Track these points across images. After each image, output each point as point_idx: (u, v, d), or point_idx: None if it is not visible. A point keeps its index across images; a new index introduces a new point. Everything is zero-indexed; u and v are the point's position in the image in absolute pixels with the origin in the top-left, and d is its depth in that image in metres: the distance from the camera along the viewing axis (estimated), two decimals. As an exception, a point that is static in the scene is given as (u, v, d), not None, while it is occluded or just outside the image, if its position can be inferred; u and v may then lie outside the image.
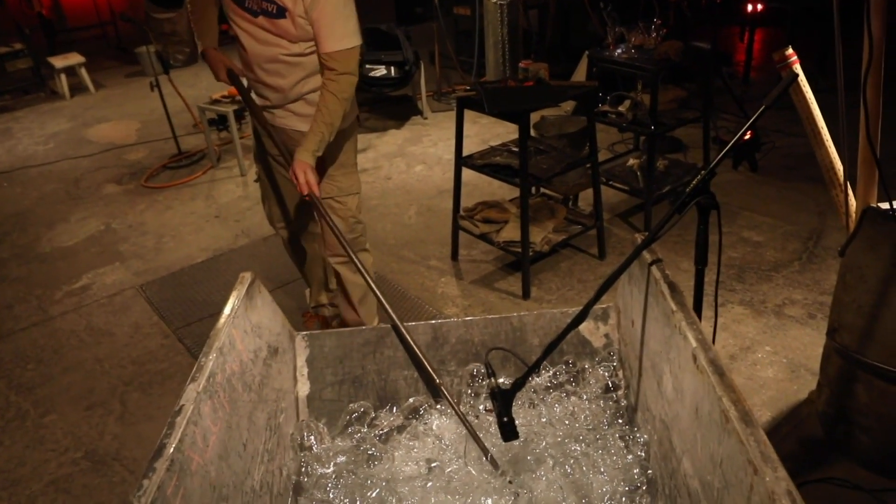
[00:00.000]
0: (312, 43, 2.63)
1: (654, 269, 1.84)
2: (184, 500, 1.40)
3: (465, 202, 4.17)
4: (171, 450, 1.39)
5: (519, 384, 1.87)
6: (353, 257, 2.51)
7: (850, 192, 2.46)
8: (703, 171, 1.71)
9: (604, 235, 4.09)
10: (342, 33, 2.56)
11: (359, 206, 3.09)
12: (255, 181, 3.22)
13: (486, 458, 1.99)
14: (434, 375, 2.13)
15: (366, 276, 2.48)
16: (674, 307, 1.68)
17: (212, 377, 1.63)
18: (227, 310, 1.84)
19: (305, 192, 2.67)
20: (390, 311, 2.28)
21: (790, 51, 2.29)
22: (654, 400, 1.91)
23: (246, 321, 1.89)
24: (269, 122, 2.90)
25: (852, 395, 2.61)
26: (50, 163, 6.36)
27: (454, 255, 4.23)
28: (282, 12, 2.55)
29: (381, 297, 2.39)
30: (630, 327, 2.11)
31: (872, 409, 2.55)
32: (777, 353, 3.29)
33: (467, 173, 4.04)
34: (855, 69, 2.14)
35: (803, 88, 2.32)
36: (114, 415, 3.23)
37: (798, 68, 2.30)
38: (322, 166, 2.92)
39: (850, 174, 2.41)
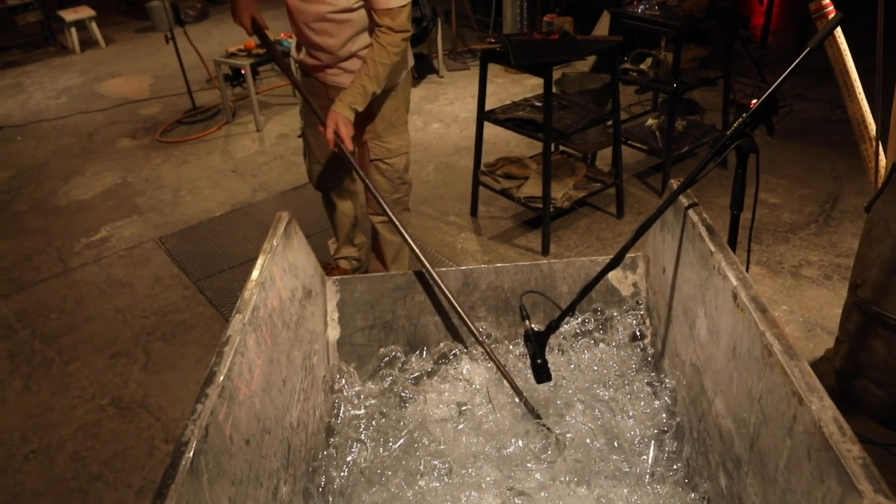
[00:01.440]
0: None
1: (691, 212, 1.85)
2: (233, 428, 1.43)
3: (484, 160, 4.16)
4: (222, 377, 1.42)
5: (553, 326, 1.89)
6: (392, 217, 2.44)
7: (880, 147, 2.46)
8: (744, 114, 1.71)
9: (623, 194, 4.10)
10: None
11: (406, 166, 3.03)
12: (299, 136, 3.19)
13: (521, 400, 2.01)
14: (471, 324, 2.12)
15: (406, 236, 2.41)
16: (713, 248, 1.69)
17: (255, 310, 1.65)
18: (266, 246, 1.85)
19: (331, 147, 2.60)
20: (425, 262, 2.26)
21: (826, 0, 2.28)
22: (685, 345, 1.94)
23: (284, 259, 1.91)
24: (319, 79, 2.86)
25: (871, 351, 2.63)
26: (63, 117, 6.34)
27: (473, 211, 4.24)
28: None
29: (420, 254, 2.32)
30: (660, 275, 2.12)
31: (890, 364, 2.57)
32: (793, 312, 3.32)
33: (485, 131, 4.03)
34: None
35: (838, 40, 2.31)
36: (138, 363, 3.27)
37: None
38: (372, 126, 2.89)
39: (881, 131, 2.41)
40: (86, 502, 2.59)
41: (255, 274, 1.75)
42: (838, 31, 2.32)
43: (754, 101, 1.78)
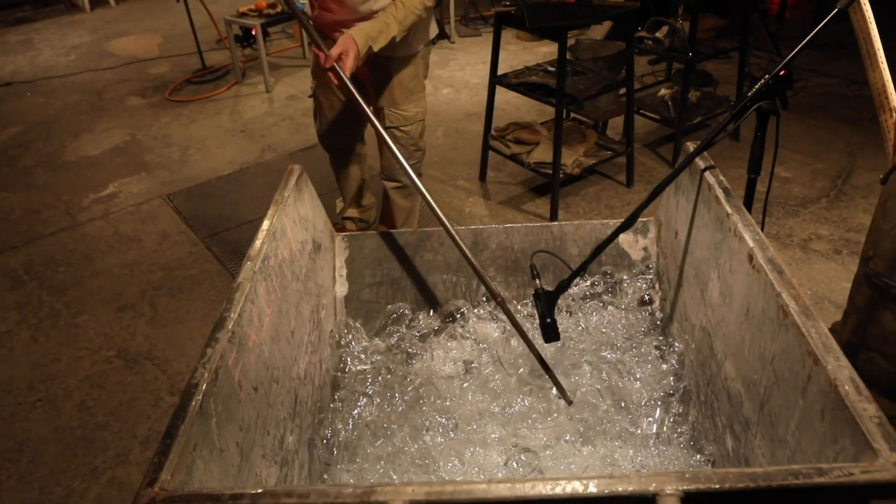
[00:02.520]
0: None
1: (707, 174, 1.84)
2: (242, 374, 1.43)
3: (494, 125, 4.13)
4: (232, 323, 1.41)
5: (563, 286, 1.87)
6: (410, 171, 2.25)
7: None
8: (766, 76, 1.68)
9: (633, 162, 4.06)
10: None
11: (421, 133, 3.00)
12: (310, 97, 3.15)
13: (536, 357, 1.98)
14: (486, 279, 2.04)
15: (425, 194, 2.19)
16: (729, 210, 1.67)
17: (266, 259, 1.64)
18: (278, 197, 1.84)
19: (328, 64, 2.33)
20: (443, 217, 2.17)
21: (852, -35, 2.22)
22: (695, 309, 1.92)
23: (295, 211, 1.90)
24: (334, 39, 2.79)
25: (879, 324, 2.61)
26: (72, 74, 6.31)
27: (482, 175, 4.22)
28: None
29: (437, 210, 2.13)
30: (672, 239, 2.11)
31: (901, 338, 2.56)
32: (802, 285, 3.30)
33: (496, 97, 3.99)
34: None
35: (864, 6, 2.26)
36: (144, 317, 3.28)
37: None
38: (389, 93, 2.84)
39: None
40: (91, 451, 2.61)
41: (265, 224, 1.74)
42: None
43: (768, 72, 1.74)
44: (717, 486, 1.00)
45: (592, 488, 1.02)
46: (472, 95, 5.44)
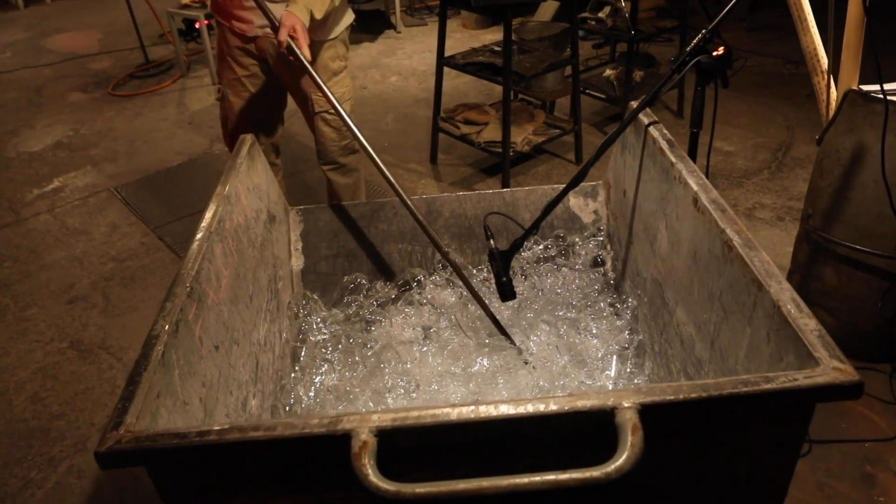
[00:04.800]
0: None
1: (651, 129, 1.89)
2: (202, 330, 1.43)
3: (443, 108, 4.16)
4: (190, 279, 1.41)
5: (517, 244, 1.91)
6: (357, 134, 2.27)
7: (831, 80, 2.52)
8: (704, 31, 1.74)
9: (581, 140, 4.14)
10: None
11: (350, 112, 2.97)
12: (217, 100, 3.00)
13: (490, 317, 2.02)
14: (441, 245, 2.08)
15: (370, 152, 2.20)
16: (673, 159, 1.72)
17: (221, 222, 1.65)
18: (231, 163, 1.84)
19: (283, 48, 2.29)
20: (394, 182, 2.16)
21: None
22: (646, 263, 1.98)
23: (248, 179, 1.90)
24: (245, 32, 2.72)
25: (821, 279, 2.71)
26: (8, 71, 6.16)
27: (433, 158, 4.25)
28: None
29: (379, 162, 2.16)
30: (621, 198, 2.16)
31: (840, 290, 2.66)
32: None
33: (444, 83, 4.02)
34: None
35: (794, -30, 2.35)
36: (97, 308, 3.23)
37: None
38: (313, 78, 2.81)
39: (833, 66, 2.47)
40: (47, 441, 2.56)
41: (219, 189, 1.74)
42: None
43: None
44: (672, 398, 1.04)
45: (553, 406, 1.05)
46: (420, 82, 5.47)
